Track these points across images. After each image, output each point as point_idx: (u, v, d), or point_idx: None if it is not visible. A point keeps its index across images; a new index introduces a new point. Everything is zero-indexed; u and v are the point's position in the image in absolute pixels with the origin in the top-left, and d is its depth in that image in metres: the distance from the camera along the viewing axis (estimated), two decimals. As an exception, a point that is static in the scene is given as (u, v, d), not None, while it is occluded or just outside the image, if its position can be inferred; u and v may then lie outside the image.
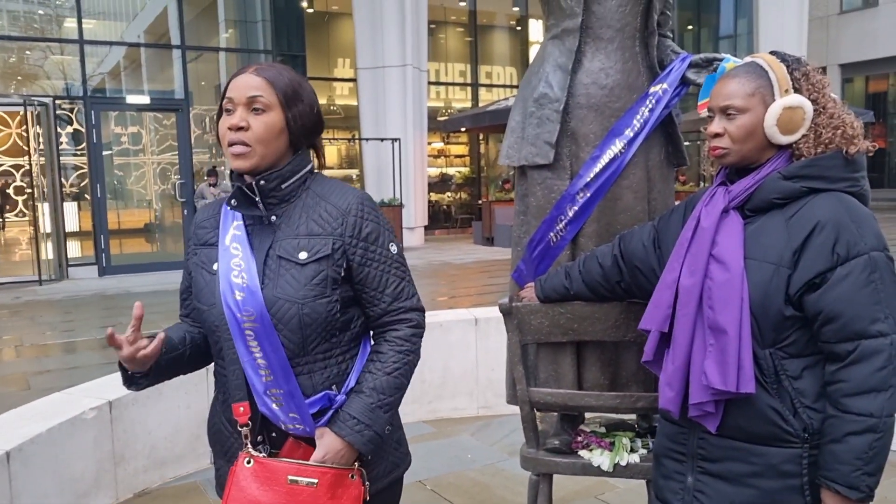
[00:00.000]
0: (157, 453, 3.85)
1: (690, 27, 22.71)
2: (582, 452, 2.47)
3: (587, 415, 2.75)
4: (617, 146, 2.37)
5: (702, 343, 1.71)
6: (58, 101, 12.30)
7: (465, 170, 20.39)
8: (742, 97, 1.70)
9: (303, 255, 1.61)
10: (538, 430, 2.55)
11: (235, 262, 1.63)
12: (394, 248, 1.70)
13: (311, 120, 1.70)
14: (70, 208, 12.69)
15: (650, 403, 2.35)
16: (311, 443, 1.64)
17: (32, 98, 11.79)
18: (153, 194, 14.02)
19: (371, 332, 1.76)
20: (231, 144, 1.62)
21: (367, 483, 1.66)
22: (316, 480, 1.58)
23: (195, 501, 3.67)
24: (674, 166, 2.56)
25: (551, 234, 2.41)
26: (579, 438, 2.51)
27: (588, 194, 2.38)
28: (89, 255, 12.55)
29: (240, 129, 1.61)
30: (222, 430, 1.74)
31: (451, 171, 20.38)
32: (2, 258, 14.74)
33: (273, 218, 1.67)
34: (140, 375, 1.67)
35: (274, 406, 1.62)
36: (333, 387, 1.65)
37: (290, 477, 1.58)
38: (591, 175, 2.37)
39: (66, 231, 12.29)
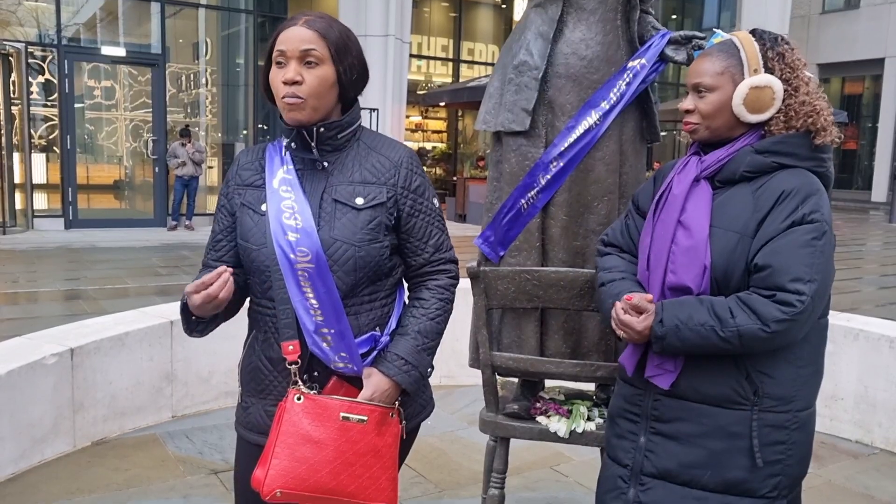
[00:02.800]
0: (117, 403, 3.84)
1: (674, 16, 22.78)
2: (540, 418, 2.51)
3: (547, 384, 2.80)
4: (592, 118, 2.40)
5: None
6: (30, 49, 12.02)
7: (442, 145, 20.33)
8: (711, 75, 1.76)
9: (359, 201, 1.68)
10: (498, 394, 2.59)
11: (287, 205, 1.68)
12: (436, 202, 1.79)
13: (359, 72, 1.73)
14: (38, 159, 12.45)
15: (609, 373, 2.40)
16: (352, 381, 1.70)
17: (4, 43, 11.50)
18: (124, 151, 13.80)
19: (405, 282, 1.83)
20: (285, 97, 1.64)
21: (403, 422, 1.73)
22: (366, 417, 1.65)
23: (153, 452, 3.67)
24: (647, 142, 2.60)
25: (523, 201, 2.43)
26: (538, 405, 2.56)
27: (561, 164, 2.40)
28: (56, 207, 12.35)
29: (294, 83, 1.63)
30: (261, 368, 1.77)
31: (427, 145, 20.31)
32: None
33: (325, 164, 1.71)
34: (203, 322, 1.73)
35: (324, 345, 1.67)
36: (377, 328, 1.71)
37: (343, 414, 1.64)
38: (566, 145, 2.40)
39: (34, 182, 12.07)
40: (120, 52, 13.03)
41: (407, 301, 1.83)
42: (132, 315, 4.21)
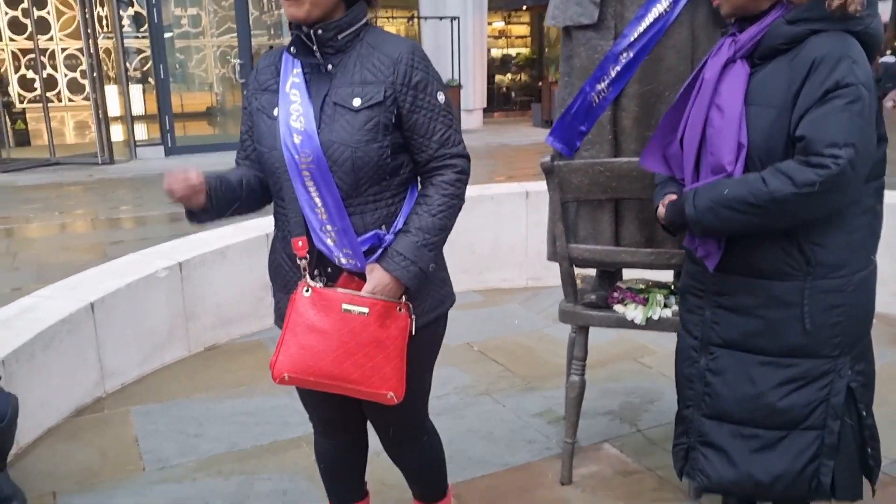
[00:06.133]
0: (224, 312, 4.13)
1: None
2: (617, 307, 2.59)
3: (626, 275, 2.85)
4: (663, 5, 2.36)
5: None
6: (118, -18, 12.36)
7: (526, 50, 19.91)
8: None
9: (356, 102, 1.71)
10: (577, 286, 2.68)
11: (294, 108, 1.74)
12: (441, 98, 1.77)
13: None
14: (135, 90, 12.93)
15: (683, 260, 2.43)
16: (364, 278, 1.78)
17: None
18: (214, 77, 14.15)
19: (419, 178, 1.87)
20: None
21: (413, 316, 1.81)
22: (366, 309, 1.73)
23: (259, 356, 3.95)
24: (720, 27, 2.53)
25: (593, 94, 2.44)
26: (615, 294, 2.63)
27: (632, 54, 2.39)
28: (155, 136, 12.87)
29: None
30: (282, 264, 1.88)
31: (512, 52, 19.92)
32: (74, 139, 15.27)
33: (329, 67, 1.75)
34: (199, 210, 1.81)
35: (329, 241, 1.76)
36: (383, 227, 1.78)
37: (344, 305, 1.74)
38: (636, 34, 2.37)
39: (133, 114, 12.59)
40: (203, -23, 13.22)
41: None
42: (231, 230, 4.46)
